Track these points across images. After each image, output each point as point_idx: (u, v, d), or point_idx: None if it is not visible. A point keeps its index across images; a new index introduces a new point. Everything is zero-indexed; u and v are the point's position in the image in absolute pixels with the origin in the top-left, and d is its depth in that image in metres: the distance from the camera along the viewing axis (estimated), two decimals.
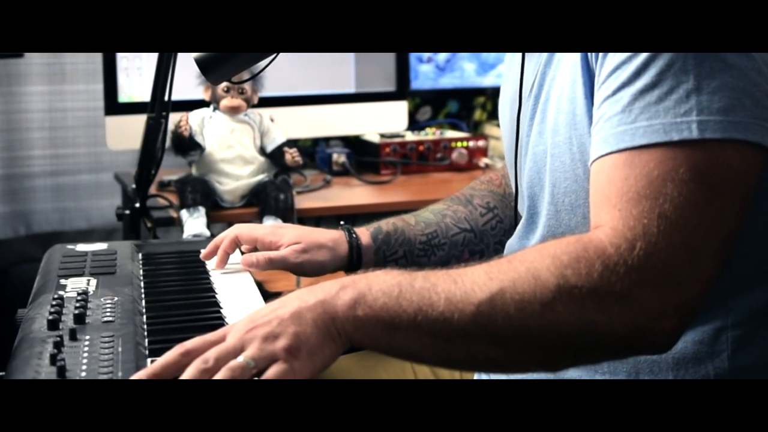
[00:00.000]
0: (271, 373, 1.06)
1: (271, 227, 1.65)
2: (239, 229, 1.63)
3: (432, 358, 1.13)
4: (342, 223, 1.67)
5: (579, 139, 1.23)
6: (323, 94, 2.72)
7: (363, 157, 2.74)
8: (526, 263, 1.08)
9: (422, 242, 1.65)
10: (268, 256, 1.58)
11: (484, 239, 1.68)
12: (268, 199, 2.24)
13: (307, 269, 1.59)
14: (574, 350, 1.09)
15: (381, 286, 1.10)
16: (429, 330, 1.08)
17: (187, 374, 1.05)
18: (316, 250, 1.59)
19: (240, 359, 1.06)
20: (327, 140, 2.83)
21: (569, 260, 1.06)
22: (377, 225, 1.66)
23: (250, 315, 1.12)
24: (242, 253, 1.65)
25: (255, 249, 1.64)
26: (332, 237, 1.62)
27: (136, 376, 1.07)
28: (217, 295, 1.48)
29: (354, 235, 1.63)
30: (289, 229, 1.64)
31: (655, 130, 1.09)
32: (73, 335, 1.21)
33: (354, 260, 1.62)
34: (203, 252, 1.64)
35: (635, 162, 1.09)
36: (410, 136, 2.79)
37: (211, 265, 1.64)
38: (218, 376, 1.05)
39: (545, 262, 1.07)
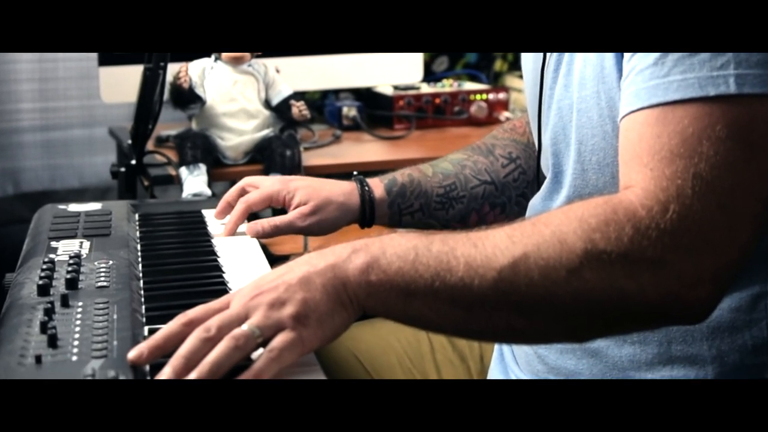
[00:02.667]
0: (277, 342, 1.05)
1: (281, 181, 1.65)
2: (249, 198, 1.64)
3: (450, 326, 1.13)
4: (355, 173, 1.68)
5: (607, 93, 1.21)
6: None
7: (375, 111, 2.73)
8: (552, 226, 1.07)
9: (440, 195, 1.65)
10: (274, 223, 1.59)
11: (506, 191, 1.67)
12: (273, 156, 2.23)
13: (316, 230, 1.61)
14: (603, 319, 1.08)
15: (396, 249, 1.09)
16: (447, 297, 1.07)
17: (187, 344, 1.05)
18: (325, 208, 1.60)
19: (244, 327, 1.06)
20: (336, 92, 2.81)
21: (597, 223, 1.06)
22: (392, 176, 1.66)
23: (255, 281, 1.12)
24: (252, 215, 1.66)
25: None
26: (343, 190, 1.63)
27: (137, 349, 1.06)
28: (219, 259, 1.48)
29: (367, 188, 1.63)
30: (299, 182, 1.65)
31: (689, 84, 1.07)
32: (65, 301, 1.21)
33: (367, 214, 1.63)
34: (215, 211, 1.66)
35: (668, 118, 1.08)
36: (426, 88, 2.77)
37: (212, 226, 1.65)
38: (221, 345, 1.04)
39: (572, 225, 1.06)
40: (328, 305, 1.08)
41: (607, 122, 1.22)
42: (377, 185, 1.65)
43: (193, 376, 1.03)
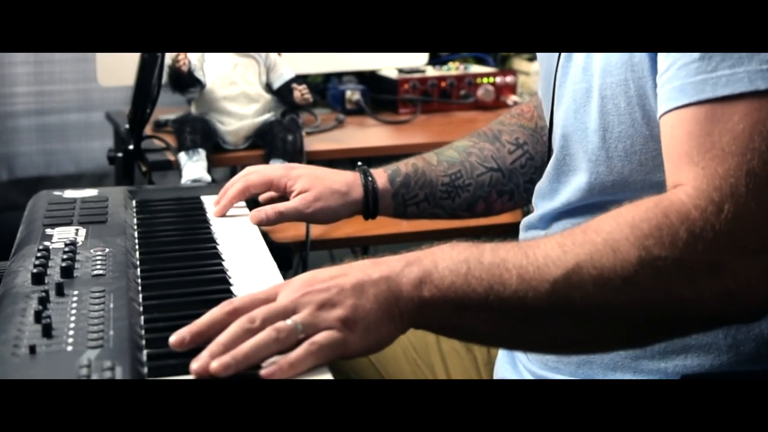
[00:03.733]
0: (321, 337, 1.06)
1: (283, 168, 1.67)
2: (249, 177, 1.64)
3: (506, 339, 1.14)
4: (359, 164, 1.68)
5: (637, 82, 1.21)
6: None
7: (379, 95, 2.72)
8: (603, 234, 1.07)
9: (445, 184, 1.66)
10: (278, 210, 1.60)
11: (513, 178, 1.67)
12: (274, 141, 2.22)
13: (320, 218, 1.62)
14: (661, 325, 1.09)
15: (447, 263, 1.10)
16: (501, 310, 1.08)
17: (229, 332, 1.06)
18: (328, 197, 1.61)
19: (289, 322, 1.06)
20: (340, 76, 2.81)
21: (650, 228, 1.06)
22: (396, 166, 1.67)
23: (307, 276, 1.12)
24: (252, 201, 1.66)
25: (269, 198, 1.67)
26: (346, 181, 1.63)
27: (178, 334, 1.08)
28: (218, 246, 1.47)
29: (370, 179, 1.64)
30: (302, 170, 1.65)
31: (738, 78, 1.07)
32: (60, 290, 1.21)
33: (370, 206, 1.63)
34: (216, 199, 1.66)
35: (717, 115, 1.07)
36: (431, 72, 2.76)
37: (211, 213, 1.64)
38: (261, 334, 1.05)
39: (623, 232, 1.06)
40: (377, 315, 1.08)
41: (636, 111, 1.22)
42: (380, 176, 1.66)
43: (226, 358, 1.03)
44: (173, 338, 1.08)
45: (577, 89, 1.29)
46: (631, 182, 1.24)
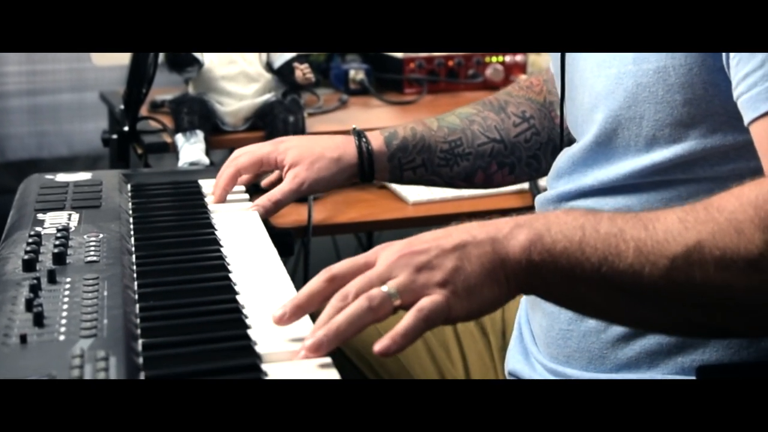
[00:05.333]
0: (426, 302, 1.05)
1: (271, 143, 1.69)
2: (239, 160, 1.65)
3: (621, 316, 1.14)
4: (354, 127, 1.68)
5: (679, 69, 1.22)
6: None
7: (384, 74, 2.72)
8: (726, 213, 1.06)
9: (444, 150, 1.67)
10: (274, 200, 1.61)
11: (516, 151, 1.68)
12: (275, 122, 2.22)
13: (317, 189, 1.65)
14: None
15: (561, 227, 1.09)
16: (615, 283, 1.07)
17: (325, 314, 1.07)
18: (321, 167, 1.62)
19: (384, 288, 1.06)
20: (343, 55, 2.80)
21: None
22: (393, 129, 1.68)
23: (408, 239, 1.11)
24: (253, 186, 1.67)
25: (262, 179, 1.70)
26: (337, 145, 1.65)
27: (280, 309, 1.09)
28: (216, 232, 1.47)
29: (364, 140, 1.65)
30: (290, 142, 1.67)
31: None
32: (52, 277, 1.21)
33: (365, 167, 1.64)
34: (213, 189, 1.66)
35: None
36: None
37: (209, 197, 1.64)
38: (353, 306, 1.05)
39: (747, 212, 1.05)
40: (479, 278, 1.07)
41: (678, 98, 1.23)
42: (376, 138, 1.67)
43: (319, 334, 1.05)
44: (275, 315, 1.09)
45: (609, 74, 1.29)
46: (665, 169, 1.24)
